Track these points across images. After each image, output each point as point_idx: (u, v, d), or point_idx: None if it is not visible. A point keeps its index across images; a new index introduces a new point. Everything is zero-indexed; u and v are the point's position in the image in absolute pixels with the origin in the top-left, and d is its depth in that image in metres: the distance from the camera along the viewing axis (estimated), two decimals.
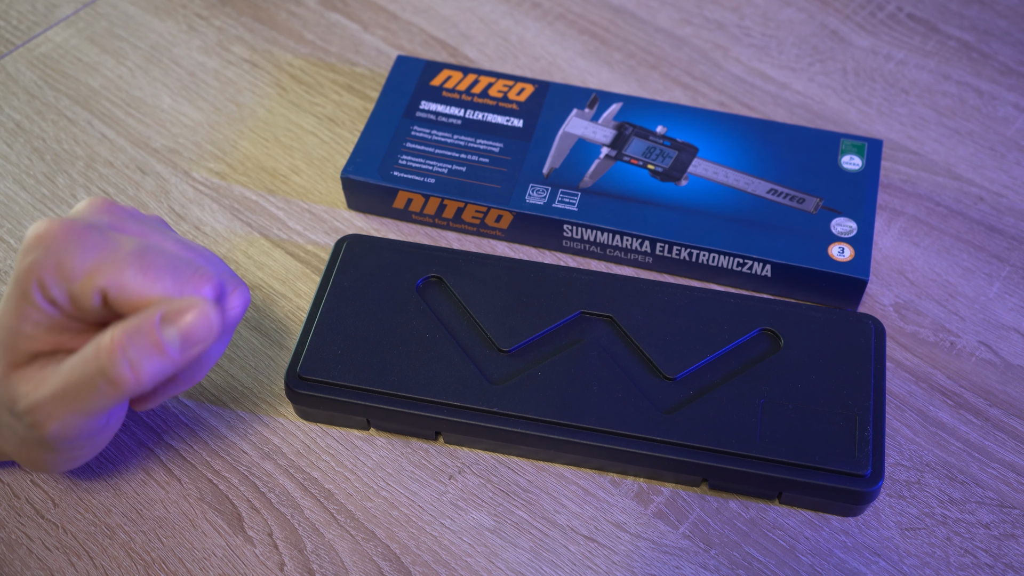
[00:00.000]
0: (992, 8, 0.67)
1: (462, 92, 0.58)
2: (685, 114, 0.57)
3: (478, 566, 0.45)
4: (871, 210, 0.53)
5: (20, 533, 0.46)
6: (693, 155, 0.55)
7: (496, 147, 0.56)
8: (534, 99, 0.58)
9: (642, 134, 0.56)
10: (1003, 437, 0.49)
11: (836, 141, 0.56)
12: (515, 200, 0.54)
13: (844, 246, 0.52)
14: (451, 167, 0.55)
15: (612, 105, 0.57)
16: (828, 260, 0.51)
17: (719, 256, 0.52)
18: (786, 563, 0.45)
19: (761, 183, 0.54)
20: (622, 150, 0.55)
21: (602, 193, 0.54)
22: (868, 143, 0.55)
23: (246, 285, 0.43)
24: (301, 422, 0.49)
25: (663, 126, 0.56)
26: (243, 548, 0.45)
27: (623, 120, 0.57)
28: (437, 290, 0.51)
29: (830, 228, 0.52)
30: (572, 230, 0.53)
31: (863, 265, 0.51)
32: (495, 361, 0.48)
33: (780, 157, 0.55)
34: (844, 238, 0.52)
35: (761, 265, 0.52)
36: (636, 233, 0.52)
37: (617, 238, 0.53)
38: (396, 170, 0.55)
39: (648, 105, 0.57)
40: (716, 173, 0.54)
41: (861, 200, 0.53)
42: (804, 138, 0.56)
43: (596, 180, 0.54)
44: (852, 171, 0.54)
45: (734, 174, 0.54)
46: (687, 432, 0.46)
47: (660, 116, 0.57)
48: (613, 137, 0.56)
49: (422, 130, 0.56)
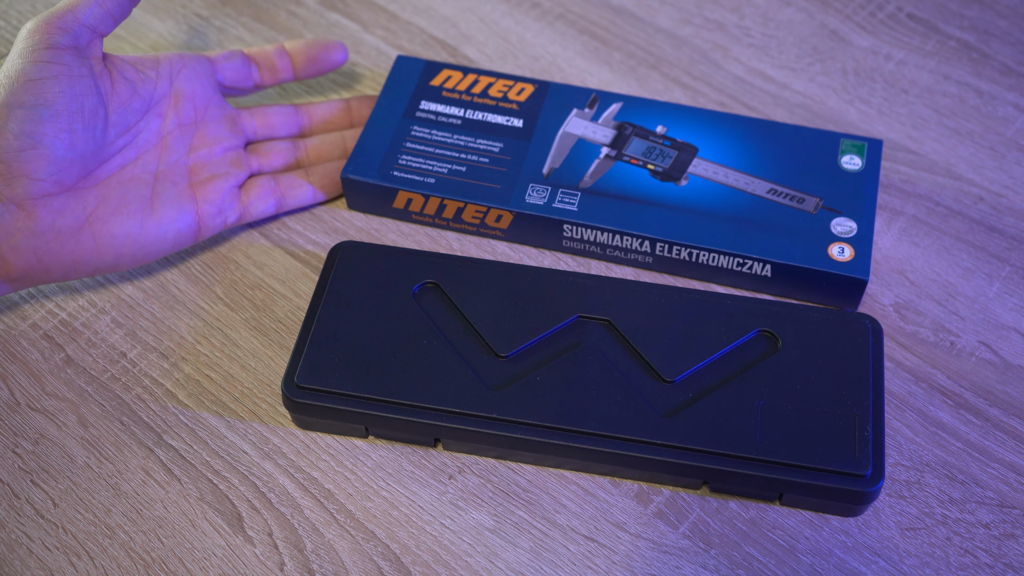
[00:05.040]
0: (992, 8, 0.67)
1: (462, 92, 0.58)
2: (685, 114, 0.57)
3: (478, 566, 0.45)
4: (871, 210, 0.53)
5: (20, 533, 0.46)
6: (693, 155, 0.55)
7: (496, 147, 0.56)
8: (534, 99, 0.58)
9: (642, 134, 0.56)
10: (1003, 437, 0.49)
11: (836, 141, 0.56)
12: (515, 200, 0.54)
13: (844, 246, 0.52)
14: (451, 167, 0.55)
15: (612, 105, 0.57)
16: (828, 260, 0.51)
17: (719, 256, 0.52)
18: (786, 563, 0.45)
19: (761, 183, 0.54)
20: (622, 150, 0.55)
21: (602, 193, 0.54)
22: (868, 143, 0.55)
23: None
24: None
25: (663, 126, 0.56)
26: (243, 548, 0.46)
27: (623, 120, 0.57)
28: (433, 296, 0.51)
29: (830, 228, 0.52)
30: (572, 230, 0.53)
31: (863, 265, 0.51)
32: (493, 367, 0.48)
33: (780, 157, 0.55)
34: (844, 238, 0.52)
35: (761, 265, 0.52)
36: (636, 233, 0.52)
37: (617, 238, 0.53)
38: (396, 170, 0.55)
39: (648, 105, 0.57)
40: (716, 173, 0.54)
41: (861, 200, 0.53)
42: (804, 138, 0.56)
43: (596, 180, 0.54)
44: (852, 171, 0.54)
45: (734, 174, 0.54)
46: (687, 435, 0.46)
47: (660, 116, 0.57)
48: (613, 137, 0.56)
49: (422, 130, 0.56)
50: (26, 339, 0.52)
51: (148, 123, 0.52)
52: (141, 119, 0.52)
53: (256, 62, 0.57)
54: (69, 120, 0.48)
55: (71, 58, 0.48)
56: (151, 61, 0.53)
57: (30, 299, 0.53)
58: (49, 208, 0.48)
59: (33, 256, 0.48)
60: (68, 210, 0.49)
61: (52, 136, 0.47)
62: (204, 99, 0.55)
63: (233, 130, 0.56)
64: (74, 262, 0.50)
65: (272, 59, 0.57)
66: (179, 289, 0.54)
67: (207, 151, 0.54)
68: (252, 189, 0.55)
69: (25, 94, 0.47)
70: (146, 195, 0.51)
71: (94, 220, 0.50)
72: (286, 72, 0.58)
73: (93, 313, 0.53)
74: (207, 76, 0.55)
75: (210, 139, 0.55)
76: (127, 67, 0.52)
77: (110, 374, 0.51)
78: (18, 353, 0.51)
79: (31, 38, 0.48)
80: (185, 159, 0.54)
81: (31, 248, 0.48)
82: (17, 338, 0.52)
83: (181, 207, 0.52)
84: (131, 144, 0.52)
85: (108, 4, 0.50)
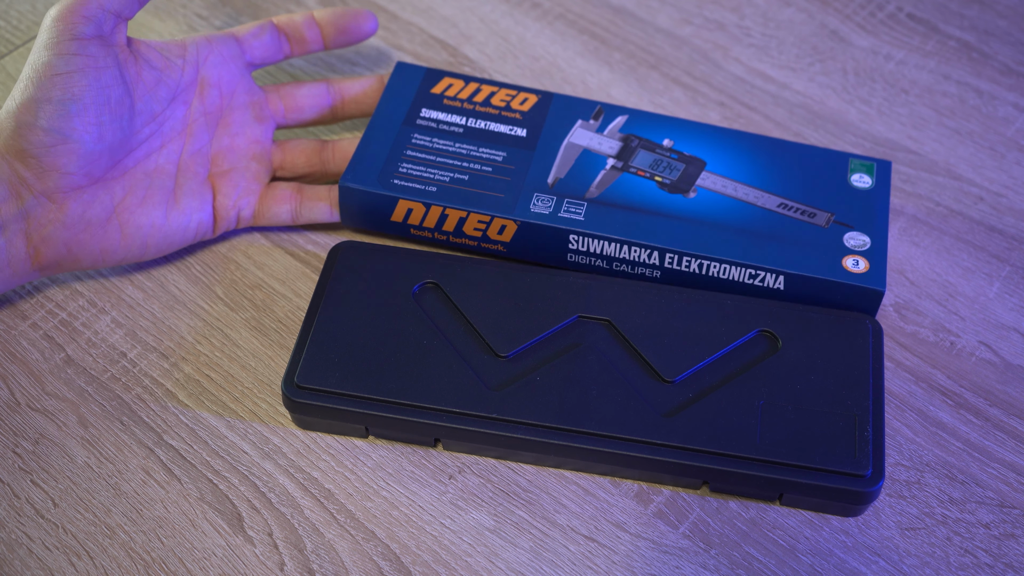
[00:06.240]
0: (992, 8, 0.67)
1: (464, 100, 0.57)
2: (691, 129, 0.56)
3: (478, 566, 0.45)
4: (883, 225, 0.52)
5: (20, 533, 0.46)
6: (701, 168, 0.54)
7: (499, 156, 0.54)
8: (538, 109, 0.57)
9: (648, 146, 0.55)
10: (1003, 437, 0.49)
11: (845, 161, 0.55)
12: (520, 209, 0.52)
13: (858, 258, 0.51)
14: (453, 175, 0.54)
15: (617, 118, 0.56)
16: (843, 271, 0.50)
17: (730, 268, 0.51)
18: (786, 563, 0.45)
19: (771, 197, 0.53)
20: (629, 162, 0.54)
21: (609, 203, 0.52)
22: (877, 163, 0.55)
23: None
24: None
25: (670, 139, 0.55)
26: (243, 548, 0.46)
27: (629, 133, 0.56)
28: (434, 296, 0.51)
29: (843, 241, 0.51)
30: (578, 241, 0.52)
31: (879, 276, 0.50)
32: (493, 367, 0.48)
33: (788, 174, 0.54)
34: (858, 251, 0.51)
35: (774, 277, 0.51)
36: (645, 243, 0.51)
37: (625, 249, 0.52)
38: (396, 178, 0.53)
39: (653, 119, 0.56)
40: (725, 186, 0.54)
41: (873, 216, 0.52)
42: (812, 157, 0.55)
43: (603, 191, 0.53)
44: (862, 189, 0.54)
45: (743, 187, 0.53)
46: (687, 435, 0.46)
47: (666, 130, 0.56)
48: (619, 149, 0.55)
49: (423, 138, 0.55)
50: (26, 339, 0.52)
51: (174, 111, 0.52)
52: (167, 107, 0.52)
53: (285, 33, 0.56)
54: (97, 113, 0.48)
55: (96, 48, 0.48)
56: (177, 47, 0.53)
57: (30, 299, 0.53)
58: (79, 200, 0.49)
59: (64, 247, 0.49)
60: (97, 201, 0.49)
61: (81, 130, 0.48)
62: (231, 85, 0.54)
63: (259, 118, 0.55)
64: (102, 252, 0.50)
65: (301, 31, 0.56)
66: (179, 289, 0.54)
67: (230, 141, 0.54)
68: (273, 191, 0.54)
69: (52, 88, 0.47)
70: (170, 186, 0.52)
71: (121, 211, 0.50)
72: (315, 43, 0.57)
73: (93, 313, 0.53)
74: (235, 59, 0.54)
75: (234, 128, 0.54)
76: (153, 53, 0.51)
77: (110, 374, 0.51)
78: (18, 353, 0.51)
79: (55, 27, 0.48)
80: (208, 148, 0.54)
81: (62, 239, 0.49)
82: (17, 338, 0.52)
83: (202, 197, 0.52)
84: (156, 132, 0.52)
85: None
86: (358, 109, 0.58)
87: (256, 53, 0.55)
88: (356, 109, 0.58)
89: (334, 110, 0.57)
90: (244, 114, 0.55)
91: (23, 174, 0.48)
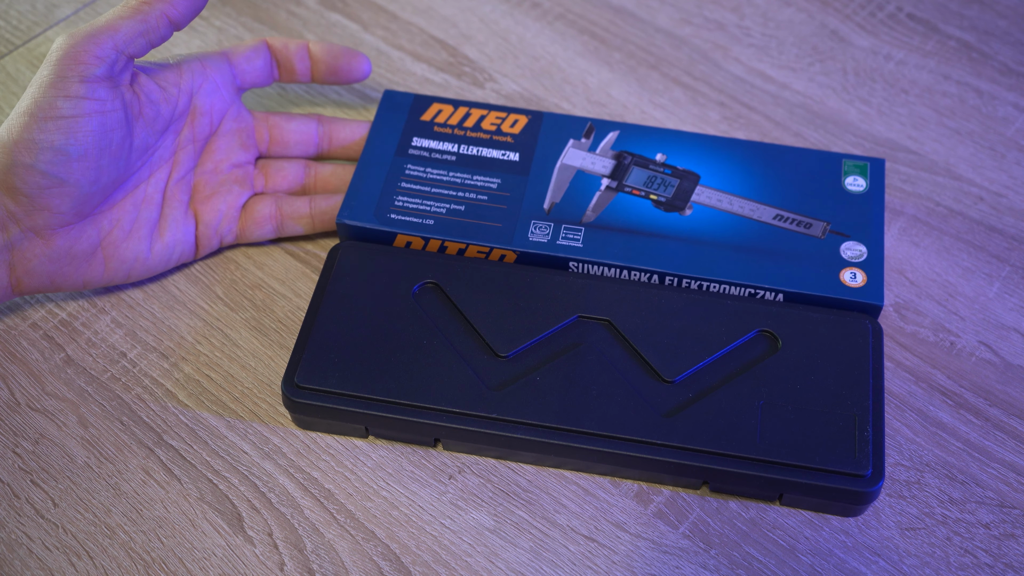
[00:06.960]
0: (992, 8, 0.67)
1: (454, 127, 0.56)
2: (683, 140, 0.56)
3: (478, 566, 0.45)
4: (879, 232, 0.52)
5: (20, 533, 0.46)
6: (695, 183, 0.54)
7: (494, 183, 0.54)
8: (528, 130, 0.56)
9: (642, 163, 0.54)
10: (1003, 437, 0.49)
11: (838, 162, 0.55)
12: (518, 239, 0.52)
13: (856, 271, 0.51)
14: (449, 206, 0.53)
15: (609, 133, 0.56)
16: (841, 287, 0.50)
17: (730, 287, 0.51)
18: (786, 563, 0.45)
19: (767, 209, 0.53)
20: (623, 181, 0.54)
21: (606, 227, 0.52)
22: (870, 163, 0.55)
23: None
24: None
25: (662, 154, 0.55)
26: (243, 548, 0.46)
27: (621, 149, 0.55)
28: (434, 296, 0.51)
29: (839, 253, 0.51)
30: (578, 267, 0.52)
31: (876, 290, 0.50)
32: (493, 367, 0.48)
33: (782, 181, 0.54)
34: (855, 263, 0.51)
35: (773, 295, 0.51)
36: (644, 268, 0.51)
37: (624, 274, 0.51)
38: (393, 212, 0.53)
39: (644, 132, 0.56)
40: (720, 201, 0.53)
41: (868, 222, 0.52)
42: (805, 160, 0.55)
43: (599, 214, 0.53)
44: (857, 192, 0.53)
45: (739, 201, 0.53)
46: (687, 435, 0.46)
47: (658, 143, 0.55)
48: (612, 167, 0.54)
49: (416, 168, 0.54)
50: (26, 339, 0.52)
51: (164, 140, 0.51)
52: (160, 138, 0.51)
53: (277, 60, 0.56)
54: (97, 158, 0.47)
55: (105, 92, 0.47)
56: (173, 75, 0.51)
57: (30, 299, 0.53)
58: (66, 236, 0.49)
59: (47, 278, 0.49)
60: (84, 236, 0.49)
61: (79, 174, 0.47)
62: (222, 111, 0.54)
63: (244, 146, 0.55)
64: (84, 282, 0.50)
65: (292, 62, 0.56)
66: (179, 289, 0.54)
67: (213, 166, 0.54)
68: (253, 212, 0.54)
69: (56, 132, 0.45)
70: (155, 216, 0.51)
71: (107, 244, 0.50)
72: (304, 76, 0.56)
73: (93, 313, 0.53)
74: (227, 85, 0.54)
75: (219, 155, 0.54)
76: (152, 87, 0.50)
77: (110, 374, 0.51)
78: (18, 353, 0.51)
79: (63, 65, 0.46)
80: (191, 175, 0.53)
81: (46, 272, 0.49)
82: (17, 338, 0.52)
83: (185, 227, 0.52)
84: (146, 163, 0.51)
85: (152, 33, 0.48)
86: (344, 153, 0.57)
87: (247, 78, 0.55)
88: (342, 153, 0.57)
89: (320, 151, 0.57)
90: (230, 140, 0.54)
91: (12, 209, 0.47)
